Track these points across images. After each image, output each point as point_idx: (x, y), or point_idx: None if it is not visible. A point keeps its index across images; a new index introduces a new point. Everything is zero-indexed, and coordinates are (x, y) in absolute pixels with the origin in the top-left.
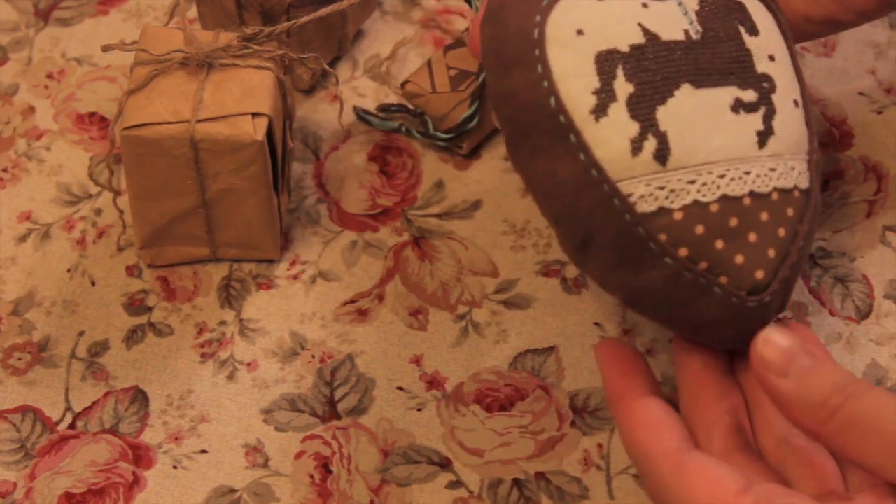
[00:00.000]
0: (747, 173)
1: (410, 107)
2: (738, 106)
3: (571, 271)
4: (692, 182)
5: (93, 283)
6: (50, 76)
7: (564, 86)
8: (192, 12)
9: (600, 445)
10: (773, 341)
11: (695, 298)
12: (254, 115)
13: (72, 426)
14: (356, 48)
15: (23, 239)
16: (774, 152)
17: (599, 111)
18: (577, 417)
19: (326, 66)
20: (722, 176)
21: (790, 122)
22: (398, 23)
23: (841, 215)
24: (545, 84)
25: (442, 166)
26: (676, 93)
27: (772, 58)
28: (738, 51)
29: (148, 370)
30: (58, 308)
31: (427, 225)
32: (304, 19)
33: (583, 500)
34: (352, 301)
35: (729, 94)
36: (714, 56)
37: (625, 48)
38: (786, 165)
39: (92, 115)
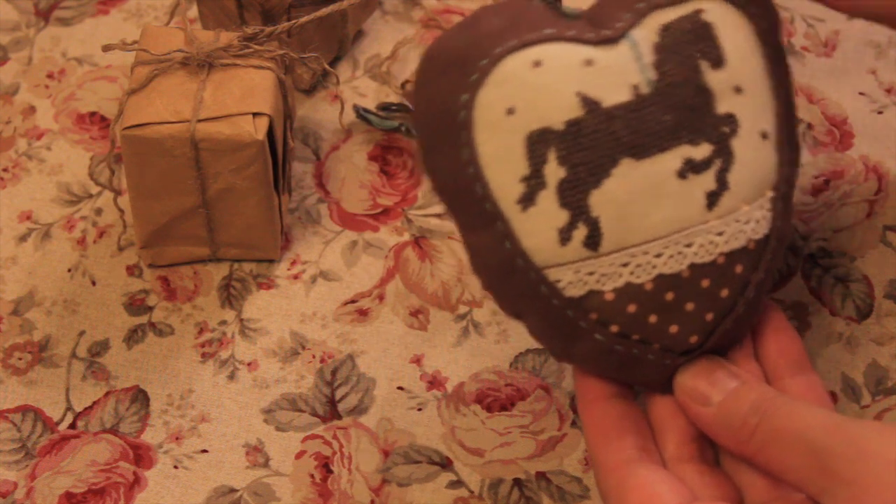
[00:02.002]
0: (688, 246)
1: (411, 106)
2: (687, 169)
3: None
4: (625, 265)
5: (93, 283)
6: (50, 76)
7: (491, 172)
8: (193, 12)
9: None
10: (693, 373)
11: (628, 365)
12: (254, 114)
13: (72, 426)
14: (357, 48)
15: (23, 239)
16: (726, 210)
17: (527, 200)
18: (577, 417)
19: (327, 66)
20: (659, 255)
21: (752, 164)
22: (399, 22)
23: (841, 215)
24: (471, 170)
25: None
26: (614, 171)
27: (738, 89)
28: (696, 95)
29: (148, 370)
30: (58, 308)
31: (427, 225)
32: (304, 19)
33: (583, 500)
34: (352, 301)
35: (677, 157)
36: (665, 110)
37: (559, 126)
38: (737, 224)
39: (92, 114)
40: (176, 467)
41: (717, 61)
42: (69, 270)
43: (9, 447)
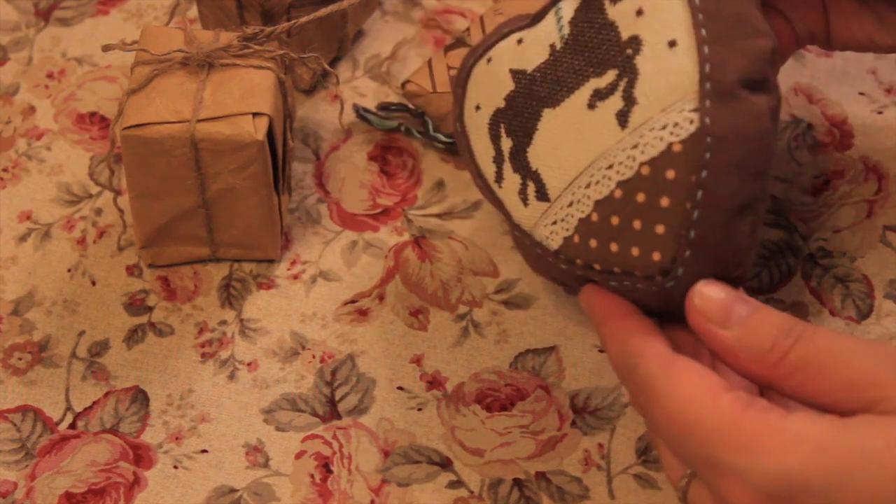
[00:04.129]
0: (609, 168)
1: (411, 106)
2: (595, 99)
3: None
4: (570, 204)
5: (93, 283)
6: (50, 76)
7: (481, 163)
8: (193, 12)
9: (601, 445)
10: (707, 294)
11: (634, 297)
12: (254, 114)
13: (72, 426)
14: (356, 48)
15: (23, 239)
16: (639, 123)
17: (499, 177)
18: (577, 417)
19: (327, 66)
20: (587, 185)
21: (659, 73)
22: (398, 23)
23: (841, 215)
24: (475, 168)
25: (442, 166)
26: (539, 125)
27: (639, 12)
28: (600, 31)
29: (148, 370)
30: (58, 308)
31: (427, 225)
32: (304, 19)
33: (583, 500)
34: (352, 301)
35: (585, 92)
36: (574, 55)
37: (502, 103)
38: (652, 132)
39: (92, 114)
40: (176, 467)
41: None
42: (69, 270)
43: (9, 447)
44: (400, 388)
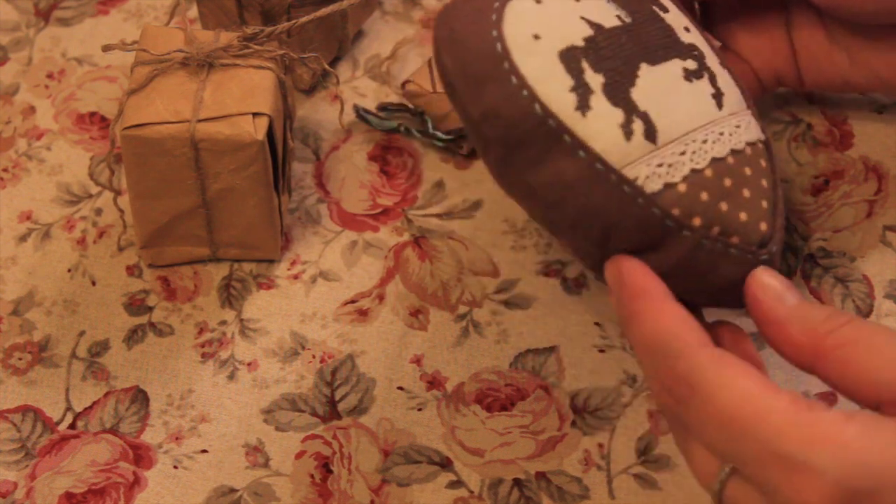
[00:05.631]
0: (721, 134)
1: (411, 106)
2: (690, 75)
3: (572, 271)
4: (683, 153)
5: (93, 283)
6: (50, 76)
7: (543, 90)
8: (193, 12)
9: (601, 445)
10: (771, 272)
11: (715, 263)
12: (254, 114)
13: (72, 426)
14: (356, 48)
15: (23, 239)
16: (731, 111)
17: (583, 106)
18: (577, 417)
19: (327, 66)
20: (705, 141)
21: (729, 82)
22: (398, 23)
23: (841, 215)
24: (525, 93)
25: (442, 166)
26: (639, 73)
27: (687, 29)
28: (664, 28)
29: (148, 370)
30: (58, 308)
31: (427, 225)
32: (304, 19)
33: (583, 500)
34: (352, 301)
35: (677, 65)
36: (650, 35)
37: (580, 42)
38: (744, 121)
39: (92, 114)
40: (176, 467)
41: (664, 8)
42: (69, 270)
43: (9, 447)
44: (400, 388)
